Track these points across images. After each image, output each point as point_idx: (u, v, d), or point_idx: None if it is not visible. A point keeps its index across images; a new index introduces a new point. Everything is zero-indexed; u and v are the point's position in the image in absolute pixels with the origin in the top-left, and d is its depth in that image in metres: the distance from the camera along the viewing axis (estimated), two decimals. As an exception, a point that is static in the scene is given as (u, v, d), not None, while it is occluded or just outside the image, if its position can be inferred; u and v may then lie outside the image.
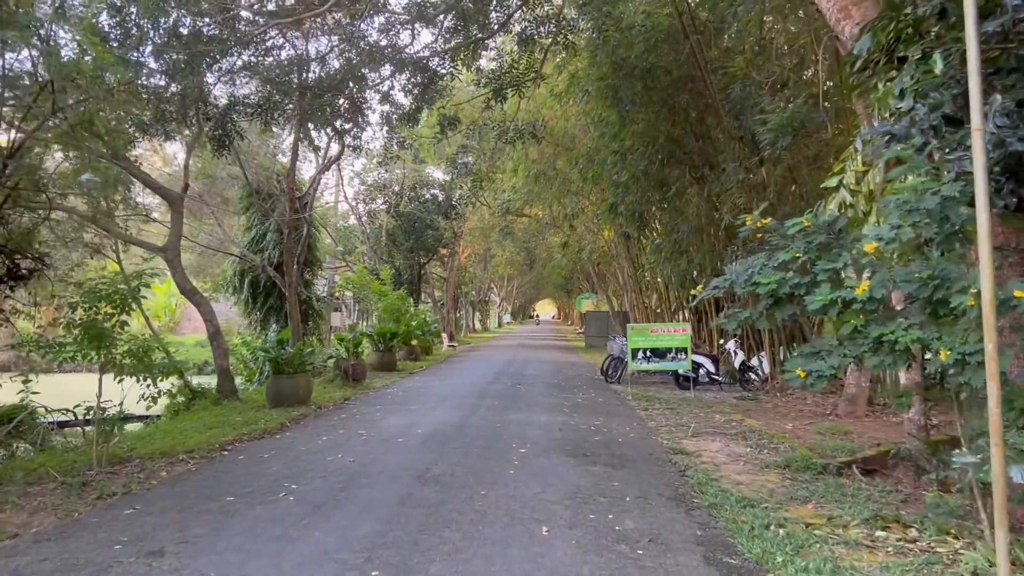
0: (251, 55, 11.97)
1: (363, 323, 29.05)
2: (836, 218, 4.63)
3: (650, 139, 13.36)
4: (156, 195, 12.91)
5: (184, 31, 11.26)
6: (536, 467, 6.82)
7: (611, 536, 4.79)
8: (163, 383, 7.07)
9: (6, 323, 9.81)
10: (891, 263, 4.61)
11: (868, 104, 7.84)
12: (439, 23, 12.95)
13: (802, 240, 4.79)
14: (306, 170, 23.38)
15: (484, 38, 11.87)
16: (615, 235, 21.29)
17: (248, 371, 12.23)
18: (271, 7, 11.78)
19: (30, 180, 7.58)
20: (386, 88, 14.47)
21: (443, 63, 12.35)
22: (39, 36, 6.25)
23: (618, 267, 25.86)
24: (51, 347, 6.50)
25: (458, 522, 4.95)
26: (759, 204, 12.44)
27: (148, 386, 6.84)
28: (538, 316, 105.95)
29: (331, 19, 12.15)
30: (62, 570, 4.12)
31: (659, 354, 13.39)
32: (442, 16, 12.43)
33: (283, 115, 12.18)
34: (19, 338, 7.23)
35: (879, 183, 5.53)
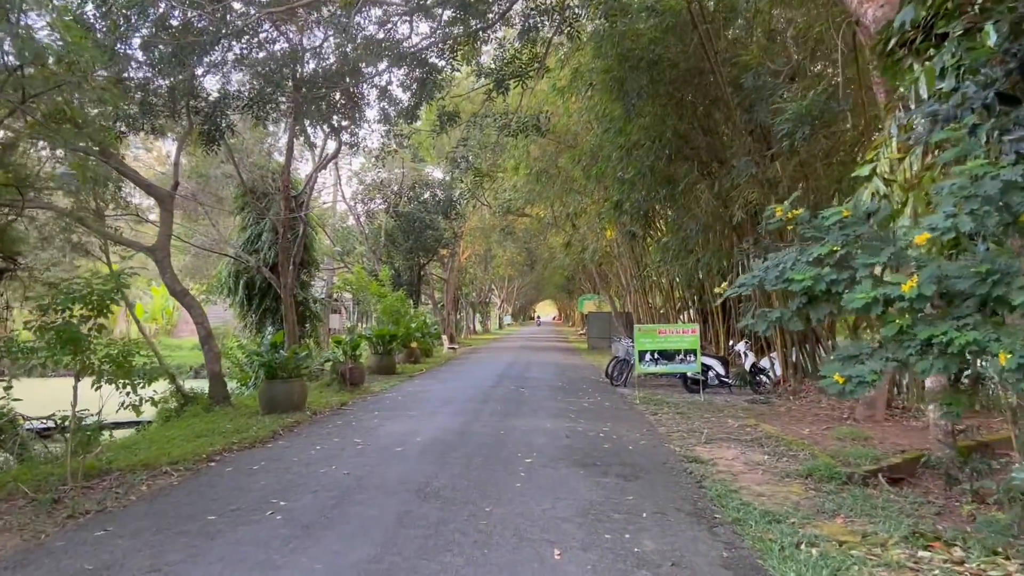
0: (243, 47, 11.54)
1: (362, 325, 28.61)
2: (877, 208, 4.18)
3: (657, 134, 12.91)
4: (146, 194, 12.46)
5: (174, 22, 10.84)
6: (544, 479, 6.37)
7: (630, 559, 4.34)
8: (145, 390, 6.59)
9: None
10: (938, 257, 4.17)
11: (894, 89, 7.40)
12: (437, 16, 12.53)
13: (839, 232, 4.34)
14: (303, 169, 22.93)
15: (484, 27, 11.41)
16: (618, 234, 20.84)
17: (243, 375, 11.77)
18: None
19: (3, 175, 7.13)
20: (383, 83, 14.05)
21: (442, 55, 11.89)
22: (7, 19, 5.80)
23: (621, 267, 25.40)
24: (22, 351, 6.05)
25: (461, 544, 4.50)
26: (772, 200, 12.01)
27: (128, 393, 6.37)
28: (539, 317, 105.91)
29: (326, 11, 11.70)
30: (16, 605, 3.67)
31: (667, 356, 12.94)
32: (440, 8, 12.01)
33: (276, 109, 11.72)
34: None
35: (917, 171, 5.08)
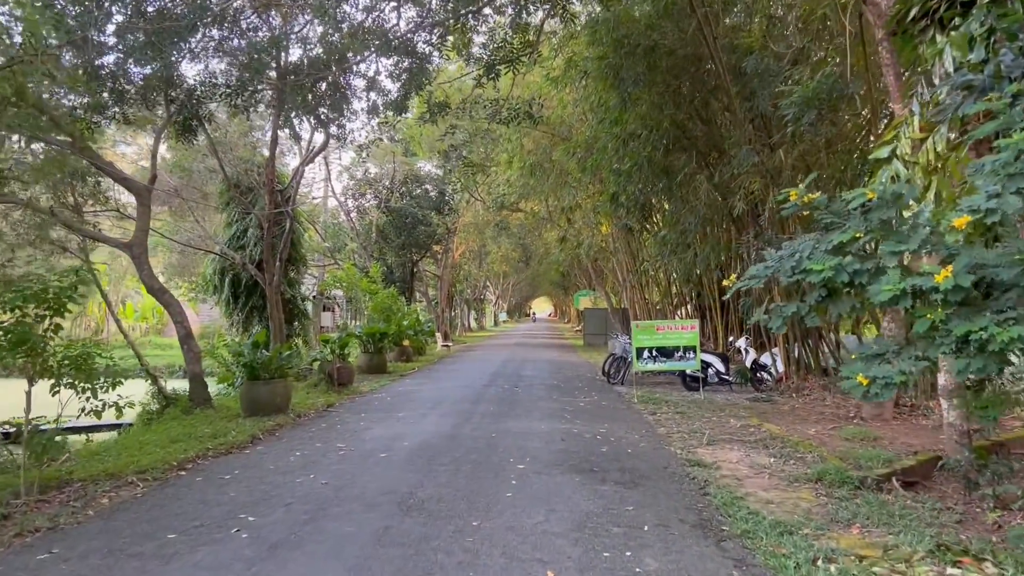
0: (222, 34, 11.02)
1: (355, 323, 28.11)
2: (904, 189, 3.74)
3: (654, 123, 12.46)
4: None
5: (150, 8, 10.30)
6: (537, 487, 5.92)
7: (632, 583, 3.91)
8: (109, 394, 6.12)
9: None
10: (973, 244, 3.74)
11: (909, 67, 6.97)
12: (425, 2, 12.04)
13: (862, 217, 3.90)
14: (292, 164, 22.38)
15: (474, 11, 10.90)
16: (614, 228, 20.40)
17: (224, 376, 11.29)
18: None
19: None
20: (371, 73, 13.58)
21: (431, 41, 11.38)
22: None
23: (617, 263, 24.97)
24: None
25: (444, 566, 4.05)
26: (774, 191, 11.58)
27: (88, 399, 5.91)
28: (534, 314, 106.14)
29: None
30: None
31: (666, 353, 12.50)
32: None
33: (256, 98, 11.20)
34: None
35: (942, 151, 4.64)
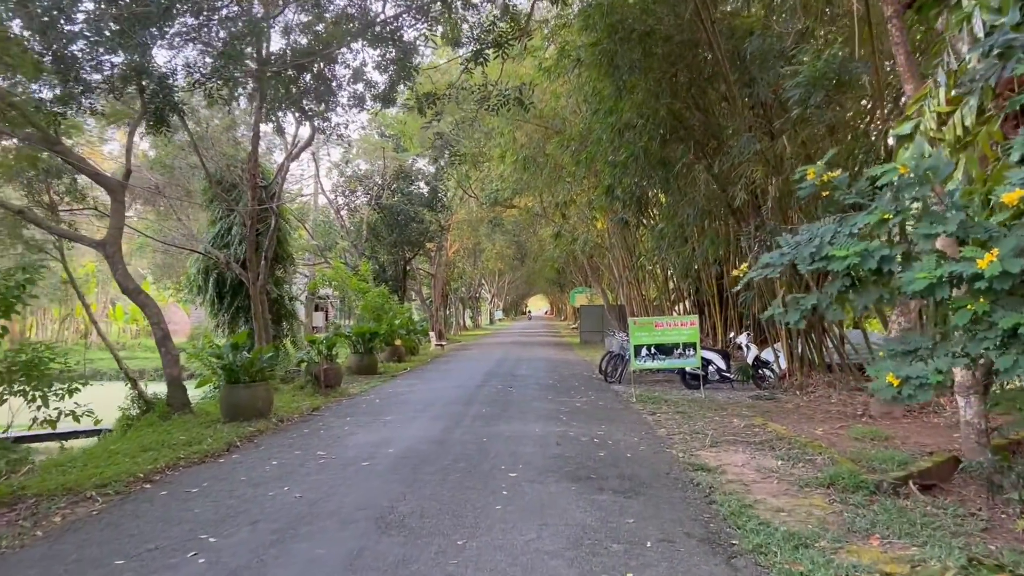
0: (199, 22, 10.49)
1: (347, 322, 27.61)
2: (942, 162, 3.28)
3: (650, 112, 11.98)
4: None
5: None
6: (530, 498, 5.46)
7: (635, 613, 3.45)
8: (65, 401, 5.64)
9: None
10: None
11: (929, 38, 6.52)
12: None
13: (890, 196, 3.44)
14: (279, 160, 21.83)
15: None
16: (610, 224, 19.96)
17: (202, 379, 10.79)
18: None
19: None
20: (357, 63, 13.07)
21: (415, 26, 10.89)
22: None
23: (613, 259, 24.53)
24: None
25: (422, 596, 3.59)
26: (777, 180, 11.15)
27: (39, 407, 5.42)
28: (531, 312, 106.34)
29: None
30: None
31: (665, 351, 12.04)
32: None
33: (234, 86, 10.66)
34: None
35: (971, 125, 4.19)
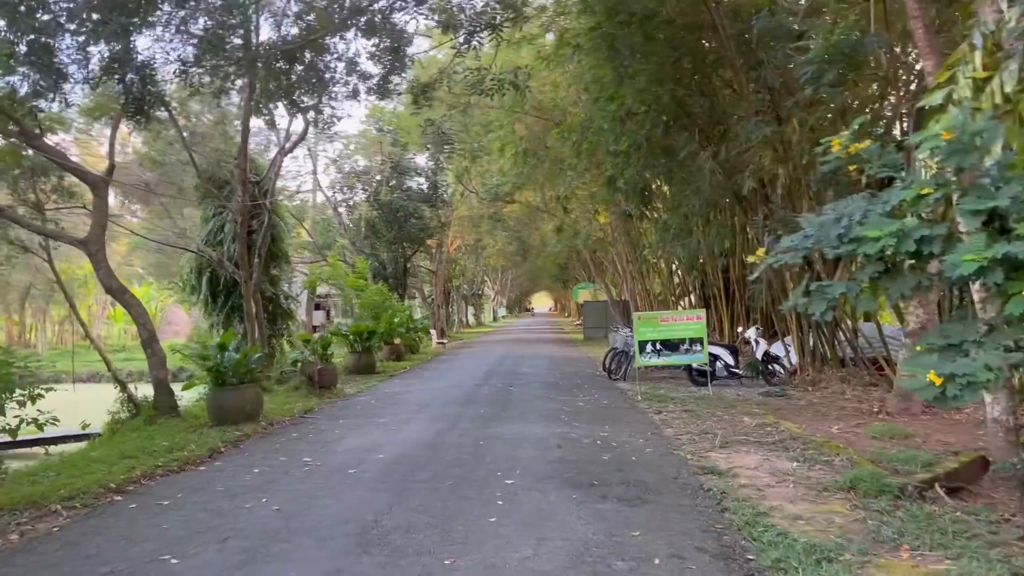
0: (183, 13, 10.07)
1: (348, 321, 27.25)
2: (989, 127, 2.84)
3: (652, 99, 11.53)
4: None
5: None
6: (527, 509, 5.04)
7: (643, 647, 3.03)
8: (28, 408, 5.25)
9: None
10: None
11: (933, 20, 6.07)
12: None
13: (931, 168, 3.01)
14: (273, 155, 21.44)
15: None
16: (613, 217, 19.52)
17: (192, 381, 10.40)
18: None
19: None
20: (351, 54, 12.64)
21: (407, 8, 10.44)
22: None
23: (616, 254, 24.10)
24: None
25: (401, 628, 3.17)
26: (786, 167, 10.69)
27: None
28: (534, 309, 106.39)
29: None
30: None
31: (670, 346, 11.61)
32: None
33: (224, 77, 10.25)
34: None
35: (1012, 92, 3.74)
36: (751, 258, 3.80)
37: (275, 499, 5.39)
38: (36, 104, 8.86)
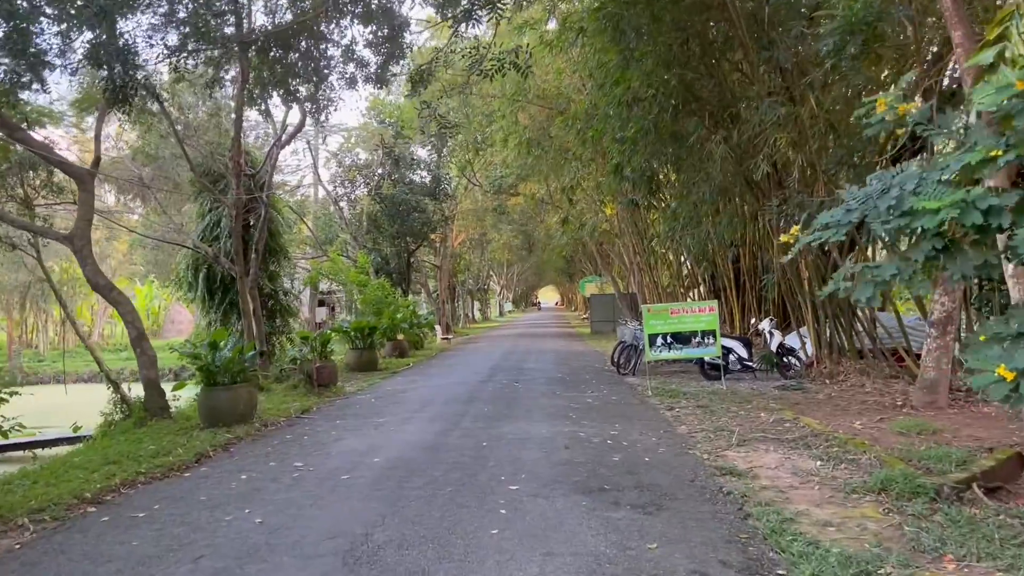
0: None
1: (351, 317, 26.88)
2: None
3: (659, 82, 11.03)
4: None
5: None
6: (532, 518, 4.61)
7: None
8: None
9: None
10: None
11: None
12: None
13: (996, 127, 2.55)
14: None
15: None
16: (619, 208, 19.03)
17: (182, 382, 10.04)
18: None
19: None
20: (347, 41, 12.22)
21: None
22: None
23: (623, 245, 23.60)
24: None
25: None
26: (800, 152, 10.21)
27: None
28: (540, 303, 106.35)
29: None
30: None
31: (681, 339, 11.15)
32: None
33: (216, 66, 9.84)
34: None
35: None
36: (784, 237, 3.34)
37: (259, 510, 4.97)
38: (15, 94, 8.47)
